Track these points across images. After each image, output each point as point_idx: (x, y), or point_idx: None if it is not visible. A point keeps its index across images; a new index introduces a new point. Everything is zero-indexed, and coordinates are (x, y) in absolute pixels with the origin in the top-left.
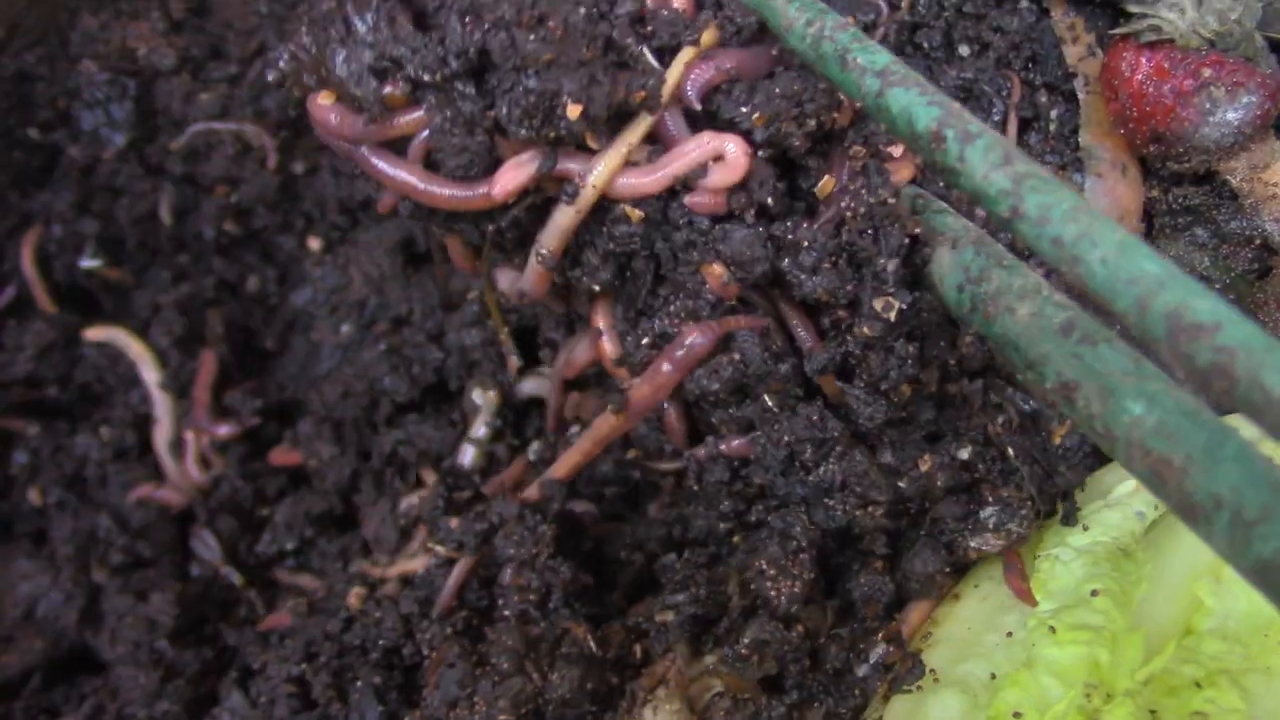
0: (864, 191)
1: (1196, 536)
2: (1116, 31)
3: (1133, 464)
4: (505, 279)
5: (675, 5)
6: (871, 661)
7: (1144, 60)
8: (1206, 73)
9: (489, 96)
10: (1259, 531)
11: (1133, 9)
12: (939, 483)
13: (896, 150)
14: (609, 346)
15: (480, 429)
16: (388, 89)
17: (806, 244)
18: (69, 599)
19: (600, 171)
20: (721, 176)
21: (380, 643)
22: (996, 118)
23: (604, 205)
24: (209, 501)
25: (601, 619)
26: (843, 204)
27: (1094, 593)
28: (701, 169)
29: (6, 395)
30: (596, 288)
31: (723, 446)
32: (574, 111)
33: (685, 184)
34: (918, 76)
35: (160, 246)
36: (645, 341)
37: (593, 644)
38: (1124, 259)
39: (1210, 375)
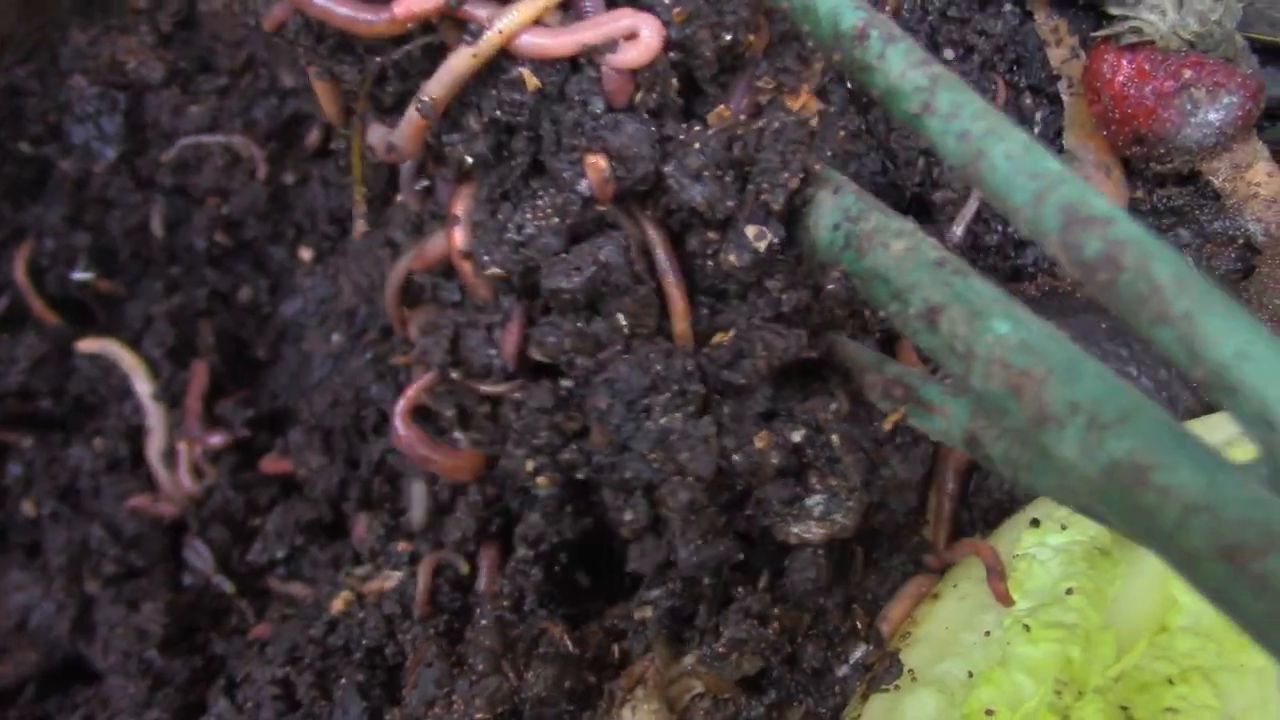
0: (765, 116)
1: (1045, 447)
2: (1098, 34)
3: (990, 379)
4: (376, 133)
5: None
6: (851, 661)
7: (1125, 62)
8: (1187, 74)
9: None
10: (1114, 432)
11: (1114, 11)
12: (773, 461)
13: (802, 90)
14: (460, 235)
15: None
16: None
17: (697, 147)
18: (61, 610)
19: (512, 18)
20: (633, 55)
21: (364, 642)
22: None
23: (500, 66)
24: (201, 511)
25: (581, 619)
26: (741, 119)
27: (1069, 591)
28: (611, 45)
29: (1, 407)
30: (469, 159)
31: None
32: None
33: (590, 60)
34: None
35: (152, 258)
36: (504, 236)
37: (569, 643)
38: (1028, 156)
39: (1098, 265)
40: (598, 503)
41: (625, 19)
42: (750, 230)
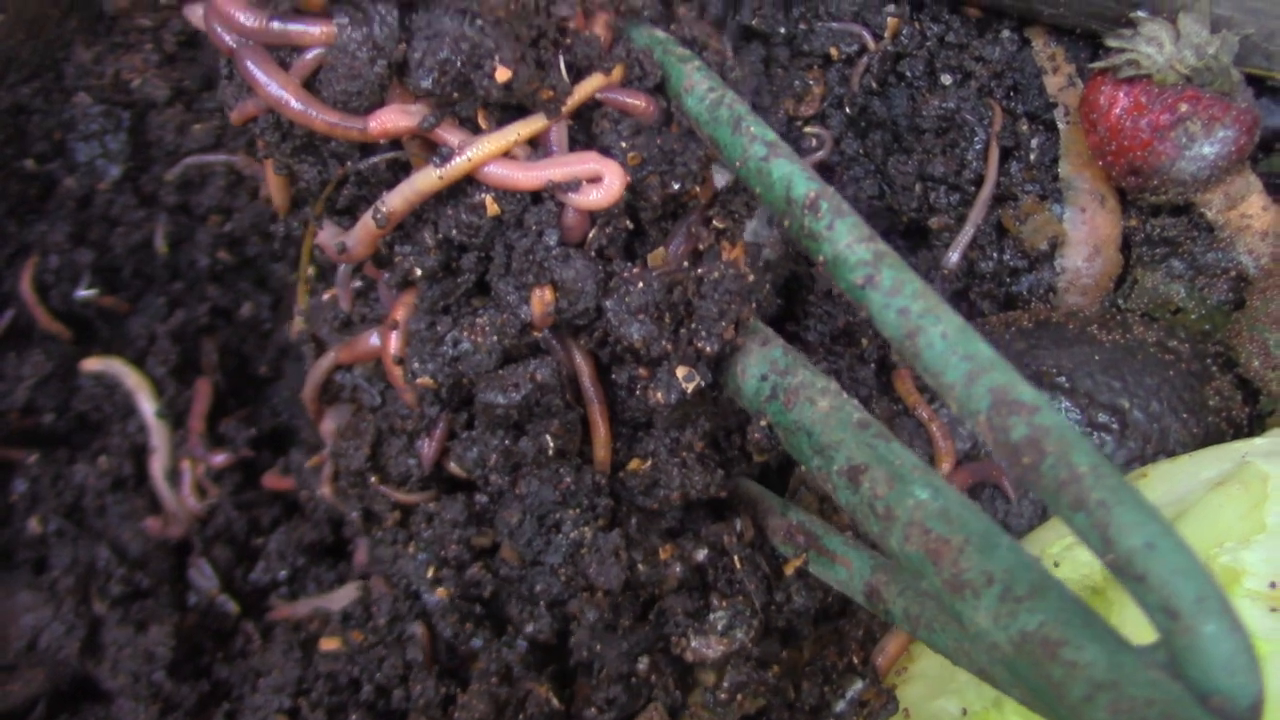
0: (705, 265)
1: (958, 612)
2: (1095, 65)
3: (908, 542)
4: (328, 232)
5: (597, 31)
6: (848, 698)
7: (1121, 95)
8: (1183, 108)
9: (407, 33)
10: (1026, 605)
11: (1111, 43)
12: (676, 573)
13: (737, 243)
14: (396, 342)
15: None
16: None
17: (639, 287)
18: (70, 630)
19: (482, 147)
20: (597, 198)
21: (375, 678)
22: (978, 146)
23: (462, 188)
24: (205, 531)
25: (570, 676)
26: (684, 264)
27: None
28: (575, 184)
29: (5, 424)
30: (419, 272)
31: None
32: (503, 75)
33: (551, 194)
34: (800, 160)
35: (155, 274)
36: (439, 349)
37: (555, 701)
38: (961, 338)
39: (1021, 448)
40: (500, 613)
41: (592, 162)
42: (680, 371)
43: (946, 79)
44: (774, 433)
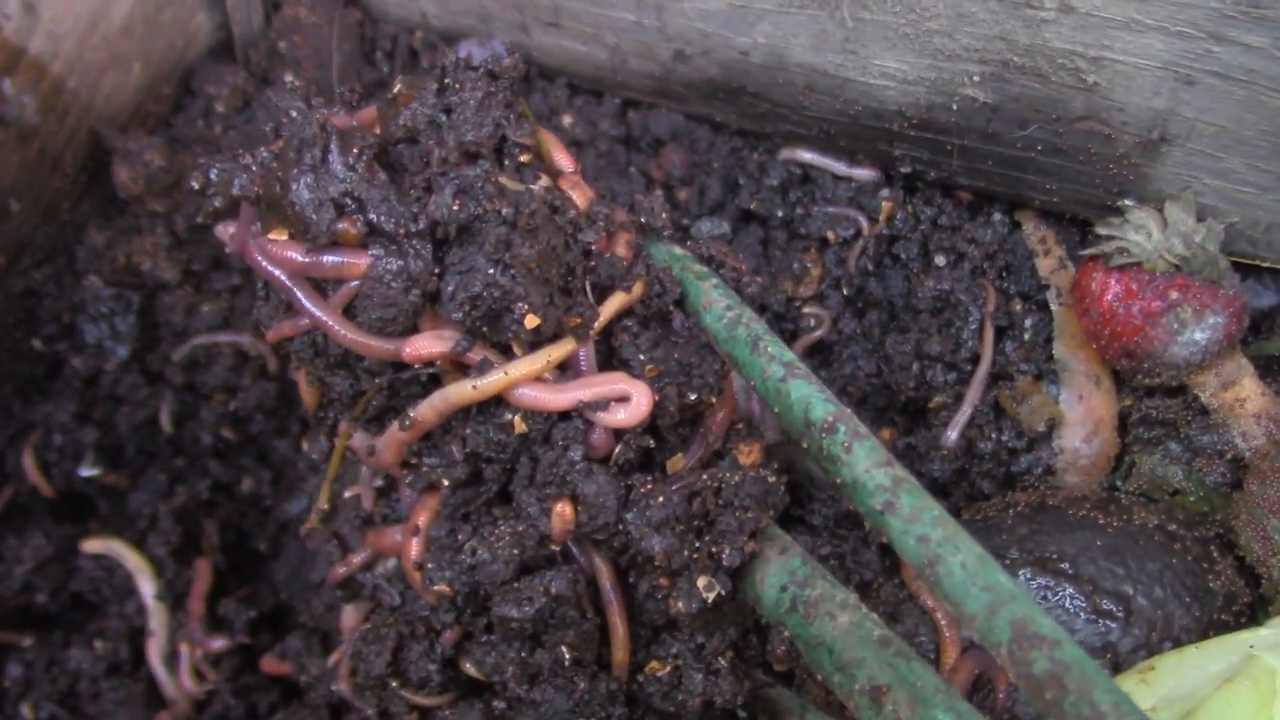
0: (723, 473)
1: None
2: (1086, 252)
3: None
4: (359, 437)
5: (619, 252)
6: None
7: (1113, 281)
8: (1174, 295)
9: (440, 265)
10: None
11: (1101, 230)
12: None
13: (755, 446)
14: (417, 548)
15: None
16: (342, 225)
17: (660, 500)
18: None
19: (517, 370)
20: (623, 418)
21: None
22: (973, 326)
23: (490, 405)
24: (203, 717)
25: None
26: (703, 476)
27: None
28: (602, 404)
29: (1, 606)
30: (446, 483)
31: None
32: (532, 322)
33: (579, 413)
34: (818, 380)
35: (157, 450)
36: (457, 557)
37: None
38: (981, 568)
39: (1044, 682)
40: None
41: (620, 383)
42: (701, 581)
43: (940, 260)
44: (795, 646)
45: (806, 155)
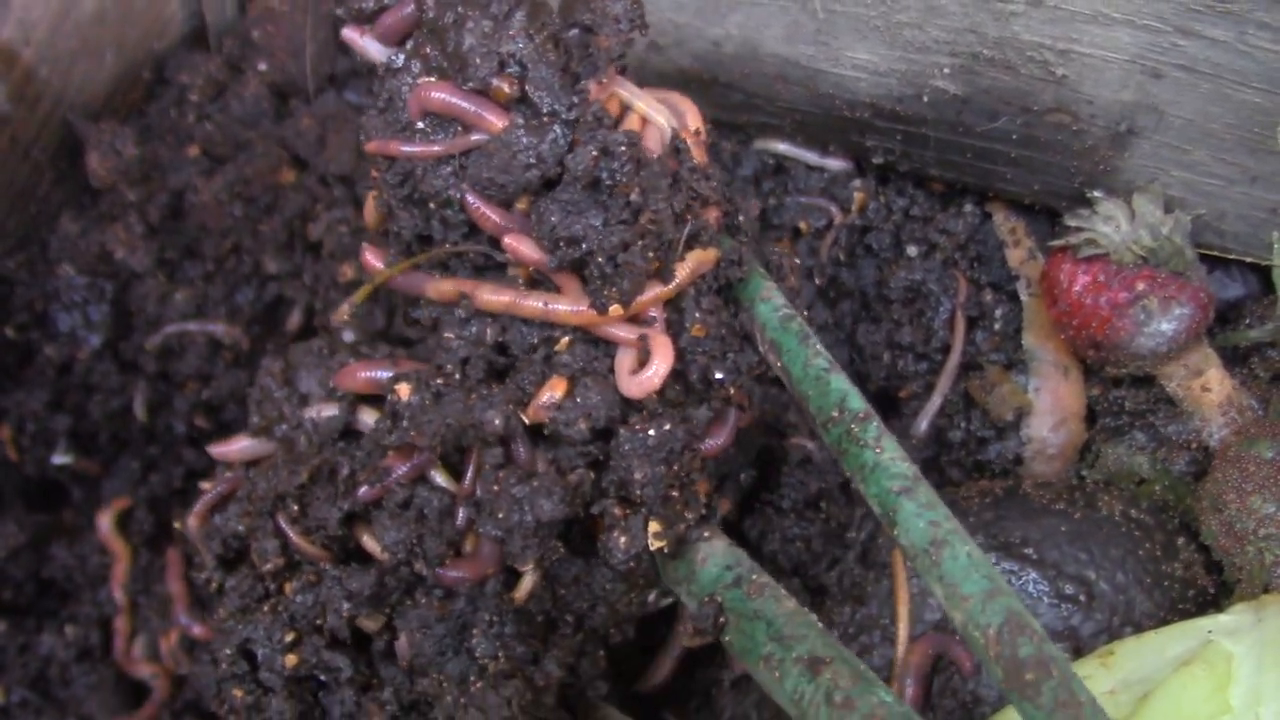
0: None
1: None
2: (1054, 243)
3: None
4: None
5: (709, 219)
6: None
7: (1081, 273)
8: (1140, 286)
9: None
10: None
11: (1069, 221)
12: None
13: None
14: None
15: None
16: (499, 81)
17: (668, 428)
18: None
19: (587, 315)
20: (635, 383)
21: None
22: (944, 316)
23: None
24: (174, 704)
25: None
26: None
27: None
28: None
29: None
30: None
31: None
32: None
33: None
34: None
35: (131, 438)
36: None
37: None
38: (985, 563)
39: (1028, 665)
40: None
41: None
42: (654, 526)
43: (912, 250)
44: (718, 619)
45: (780, 146)
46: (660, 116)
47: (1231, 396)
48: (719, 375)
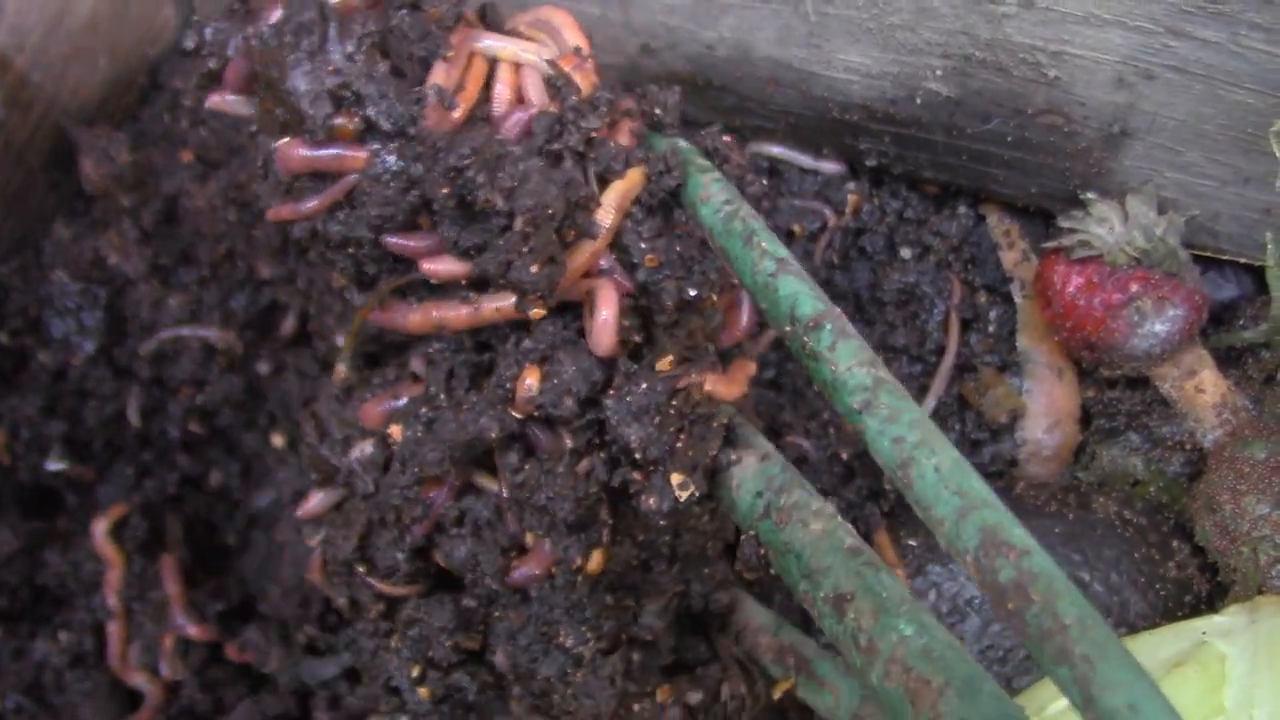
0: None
1: None
2: (1048, 245)
3: (888, 679)
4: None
5: (622, 141)
6: None
7: (1074, 274)
8: (1134, 288)
9: (430, 166)
10: None
11: (1063, 223)
12: (672, 717)
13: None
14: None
15: None
16: (339, 120)
17: (643, 388)
18: None
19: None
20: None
21: None
22: (938, 318)
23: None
24: (169, 709)
25: None
26: (692, 375)
27: None
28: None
29: None
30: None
31: None
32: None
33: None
34: (810, 279)
35: (125, 444)
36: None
37: None
38: (955, 472)
39: (1008, 591)
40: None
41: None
42: (676, 478)
43: (906, 253)
44: (761, 550)
45: (774, 149)
46: (530, 54)
47: (1226, 397)
48: (693, 292)
